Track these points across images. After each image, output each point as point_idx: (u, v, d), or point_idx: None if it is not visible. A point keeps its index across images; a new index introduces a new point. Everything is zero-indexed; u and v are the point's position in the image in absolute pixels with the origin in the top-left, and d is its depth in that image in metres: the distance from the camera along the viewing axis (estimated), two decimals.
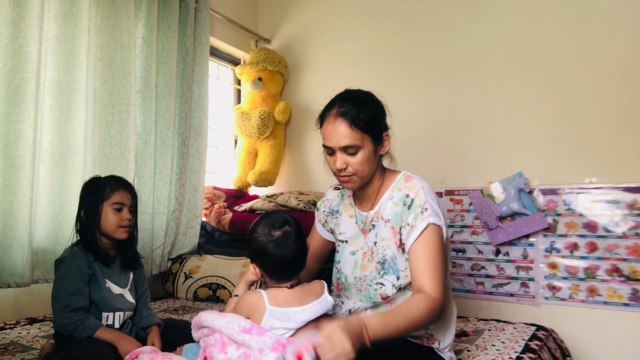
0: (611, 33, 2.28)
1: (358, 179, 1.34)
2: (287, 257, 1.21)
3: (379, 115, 1.35)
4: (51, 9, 1.99)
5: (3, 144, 1.80)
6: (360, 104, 1.32)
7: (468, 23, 2.63)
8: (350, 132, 1.28)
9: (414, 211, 1.29)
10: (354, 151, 1.30)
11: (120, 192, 1.54)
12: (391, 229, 1.33)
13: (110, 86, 2.20)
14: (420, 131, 2.75)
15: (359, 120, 1.28)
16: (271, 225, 1.23)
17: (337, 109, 1.32)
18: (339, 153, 1.31)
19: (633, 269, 2.20)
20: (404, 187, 1.35)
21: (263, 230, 1.23)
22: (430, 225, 1.27)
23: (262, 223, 1.25)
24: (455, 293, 2.59)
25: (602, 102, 2.29)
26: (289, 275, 1.25)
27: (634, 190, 2.21)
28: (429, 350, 1.34)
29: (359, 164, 1.31)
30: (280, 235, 1.21)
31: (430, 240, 1.27)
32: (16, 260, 1.81)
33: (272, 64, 3.10)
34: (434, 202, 1.32)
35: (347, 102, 1.32)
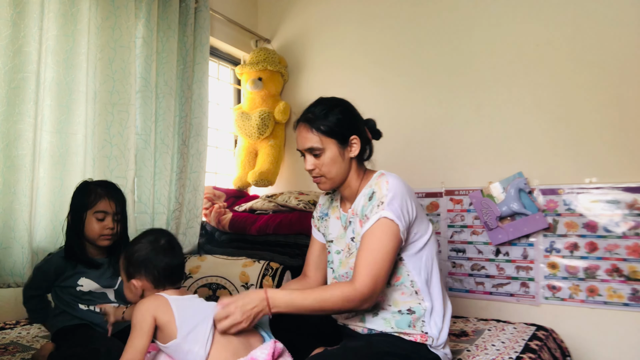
0: (610, 33, 2.28)
1: (328, 180, 1.43)
2: (174, 263, 1.27)
3: (345, 120, 1.42)
4: (51, 9, 1.99)
5: (3, 144, 1.80)
6: (327, 109, 1.42)
7: (468, 23, 2.63)
8: (311, 135, 1.39)
9: (372, 203, 1.35)
10: (318, 153, 1.40)
11: (104, 201, 1.55)
12: (359, 222, 1.40)
13: (110, 86, 2.20)
14: (420, 131, 2.75)
15: (321, 125, 1.39)
16: (154, 237, 1.29)
17: (304, 115, 1.44)
18: (307, 155, 1.43)
19: (633, 269, 2.20)
20: (374, 183, 1.40)
21: (147, 241, 1.29)
22: (382, 218, 1.30)
23: (142, 237, 1.31)
24: (455, 293, 2.59)
25: (602, 102, 2.28)
26: (176, 282, 1.30)
27: (634, 190, 2.21)
28: (423, 347, 1.34)
29: (324, 165, 1.40)
30: (164, 243, 1.28)
31: (377, 233, 1.30)
32: (16, 260, 1.81)
33: (272, 64, 3.10)
34: (397, 198, 1.33)
35: (315, 107, 1.44)
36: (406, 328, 1.35)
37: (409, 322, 1.36)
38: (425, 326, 1.35)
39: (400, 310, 1.37)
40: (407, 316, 1.36)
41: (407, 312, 1.36)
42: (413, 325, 1.35)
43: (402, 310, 1.37)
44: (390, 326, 1.36)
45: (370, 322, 1.39)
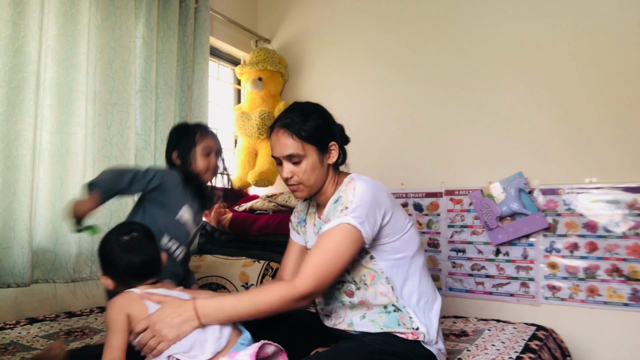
0: (611, 33, 2.28)
1: (305, 188, 1.38)
2: (135, 261, 1.22)
3: (323, 126, 1.38)
4: (51, 9, 1.99)
5: (3, 144, 1.80)
6: (305, 115, 1.37)
7: (468, 23, 2.63)
8: (292, 142, 1.34)
9: (335, 208, 1.33)
10: (298, 160, 1.34)
11: (208, 139, 1.71)
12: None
13: (110, 86, 2.20)
14: (420, 131, 2.75)
15: (301, 131, 1.34)
16: (119, 232, 1.25)
17: (281, 120, 1.38)
18: (285, 162, 1.37)
19: (633, 269, 2.20)
20: (342, 189, 1.37)
21: (111, 236, 1.25)
22: (343, 224, 1.26)
23: (111, 231, 1.28)
24: (455, 293, 2.60)
25: (602, 102, 2.28)
26: (144, 279, 1.25)
27: (634, 190, 2.20)
28: (416, 344, 1.33)
29: (304, 172, 1.35)
30: (127, 239, 1.23)
31: (334, 236, 1.26)
32: (16, 260, 1.81)
33: (272, 64, 3.10)
34: (363, 203, 1.28)
35: (292, 113, 1.38)
36: (396, 327, 1.34)
37: (397, 320, 1.34)
38: (414, 323, 1.34)
39: (386, 307, 1.35)
40: (394, 314, 1.34)
41: (393, 310, 1.35)
42: (403, 323, 1.34)
43: (387, 306, 1.35)
44: (380, 327, 1.35)
45: (359, 326, 1.37)
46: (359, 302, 1.38)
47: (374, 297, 1.36)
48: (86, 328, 1.89)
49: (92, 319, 2.04)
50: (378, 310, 1.36)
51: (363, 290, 1.37)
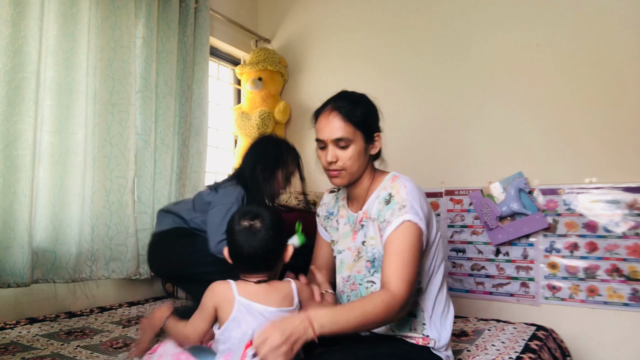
0: (611, 33, 2.28)
1: (347, 175, 1.36)
2: (244, 251, 1.19)
3: (371, 115, 1.40)
4: (51, 9, 1.99)
5: (3, 144, 1.80)
6: (355, 102, 1.37)
7: (468, 23, 2.63)
8: (343, 125, 1.32)
9: (391, 207, 1.30)
10: (345, 145, 1.33)
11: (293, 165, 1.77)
12: (377, 227, 1.34)
13: (110, 86, 2.20)
14: (420, 131, 2.75)
15: (353, 116, 1.33)
16: (243, 214, 1.22)
17: (332, 104, 1.37)
18: (331, 146, 1.34)
19: (633, 269, 2.20)
20: (389, 186, 1.36)
21: (237, 215, 1.23)
22: (406, 222, 1.26)
23: (241, 209, 1.27)
24: (455, 293, 2.59)
25: (602, 102, 2.28)
26: (249, 270, 1.22)
27: (634, 190, 2.21)
28: (425, 349, 1.34)
29: (349, 158, 1.33)
30: (245, 226, 1.20)
31: (404, 236, 1.25)
32: (16, 260, 1.81)
33: (272, 64, 3.10)
34: (416, 201, 1.29)
35: (343, 99, 1.38)
36: (407, 332, 1.34)
37: (409, 325, 1.35)
38: (426, 329, 1.34)
39: None
40: (408, 319, 1.35)
41: (408, 315, 1.35)
42: (414, 328, 1.34)
43: None
44: (392, 330, 1.35)
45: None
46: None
47: None
48: (86, 328, 1.89)
49: (92, 319, 2.04)
50: None
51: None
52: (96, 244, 2.14)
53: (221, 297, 1.19)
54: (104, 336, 1.79)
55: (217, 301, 1.19)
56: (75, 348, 1.63)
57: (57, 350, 1.60)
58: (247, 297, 1.18)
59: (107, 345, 1.68)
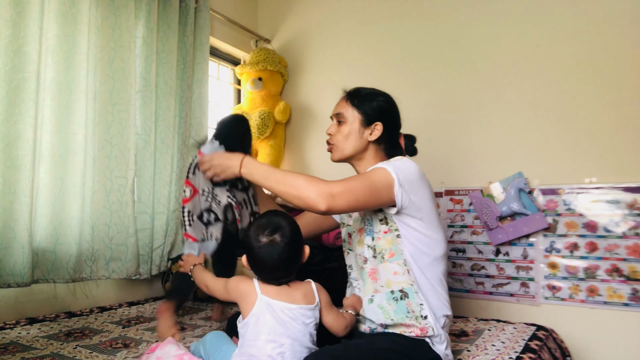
0: (610, 33, 2.28)
1: (337, 150, 1.52)
2: (267, 264, 1.24)
3: (379, 107, 1.52)
4: (51, 9, 1.99)
5: (3, 144, 1.80)
6: (370, 92, 1.54)
7: (468, 23, 2.63)
8: (345, 104, 1.52)
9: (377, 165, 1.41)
10: (341, 120, 1.51)
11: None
12: None
13: (110, 86, 2.20)
14: (420, 131, 2.72)
15: (356, 98, 1.51)
16: (262, 229, 1.26)
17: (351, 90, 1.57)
18: (333, 121, 1.54)
19: (633, 269, 2.20)
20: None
21: (254, 231, 1.27)
22: (378, 167, 1.36)
23: (256, 223, 1.28)
24: (455, 293, 2.59)
25: (602, 102, 2.28)
26: (273, 280, 1.27)
27: (634, 190, 2.21)
28: (423, 343, 1.35)
29: (339, 133, 1.50)
30: (265, 243, 1.24)
31: (370, 174, 1.34)
32: (16, 260, 1.81)
33: (272, 64, 3.10)
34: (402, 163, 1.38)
35: (361, 89, 1.56)
36: (405, 319, 1.35)
37: (405, 309, 1.35)
38: (424, 309, 1.35)
39: (393, 291, 1.37)
40: (402, 303, 1.36)
41: (400, 294, 1.36)
42: (412, 310, 1.35)
43: (394, 291, 1.37)
44: (390, 318, 1.36)
45: (369, 312, 1.39)
46: (370, 271, 1.42)
47: (387, 277, 1.38)
48: (86, 328, 1.89)
49: (92, 319, 2.04)
50: (386, 296, 1.38)
51: (378, 261, 1.41)
52: (96, 244, 2.14)
53: (245, 292, 1.25)
54: (104, 336, 1.79)
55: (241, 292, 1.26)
56: (75, 348, 1.63)
57: (57, 350, 1.60)
58: (269, 296, 1.23)
59: (107, 345, 1.69)
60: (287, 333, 1.21)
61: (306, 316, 1.25)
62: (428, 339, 1.35)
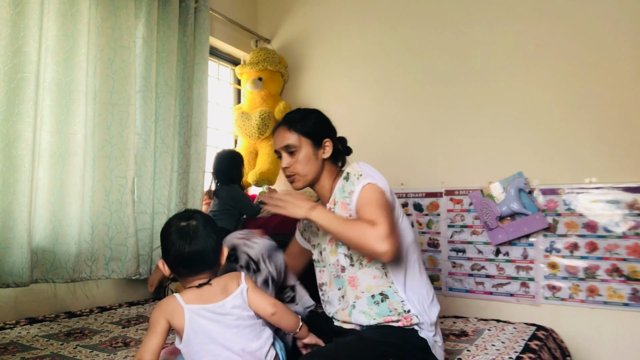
0: (610, 33, 2.28)
1: (301, 178, 1.52)
2: (185, 252, 1.17)
3: (319, 124, 1.55)
4: (51, 9, 1.99)
5: (3, 144, 1.80)
6: (302, 115, 1.55)
7: (468, 23, 2.63)
8: (288, 134, 1.51)
9: (351, 180, 1.45)
10: (293, 151, 1.50)
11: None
12: (341, 204, 1.46)
13: (110, 86, 2.20)
14: (420, 131, 2.75)
15: (297, 125, 1.51)
16: (177, 217, 1.23)
17: (283, 119, 1.57)
18: (284, 154, 1.53)
19: (633, 268, 2.20)
20: (347, 169, 1.51)
21: (172, 220, 1.23)
22: (366, 185, 1.39)
23: (174, 215, 1.26)
24: (455, 293, 2.59)
25: (602, 102, 2.28)
26: (191, 272, 1.20)
27: (634, 190, 2.20)
28: (412, 332, 1.38)
29: (298, 162, 1.50)
30: (182, 226, 1.19)
31: (368, 194, 1.38)
32: (15, 260, 1.81)
33: (272, 63, 3.10)
34: (372, 171, 1.45)
35: (293, 114, 1.58)
36: (389, 316, 1.39)
37: (387, 308, 1.40)
38: (405, 305, 1.39)
39: (373, 296, 1.41)
40: (384, 305, 1.40)
41: (380, 297, 1.40)
42: (394, 308, 1.39)
43: (374, 295, 1.41)
44: (374, 318, 1.40)
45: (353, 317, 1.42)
46: (349, 279, 1.44)
47: (367, 282, 1.41)
48: (86, 328, 1.89)
49: (92, 319, 2.04)
50: (367, 301, 1.41)
51: (357, 268, 1.43)
52: (96, 243, 2.14)
53: (170, 309, 1.16)
54: (104, 336, 1.79)
55: (167, 314, 1.16)
56: (75, 347, 1.63)
57: (56, 350, 1.60)
58: (194, 303, 1.17)
59: (107, 344, 1.68)
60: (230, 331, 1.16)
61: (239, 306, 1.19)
62: (416, 327, 1.39)
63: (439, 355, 1.43)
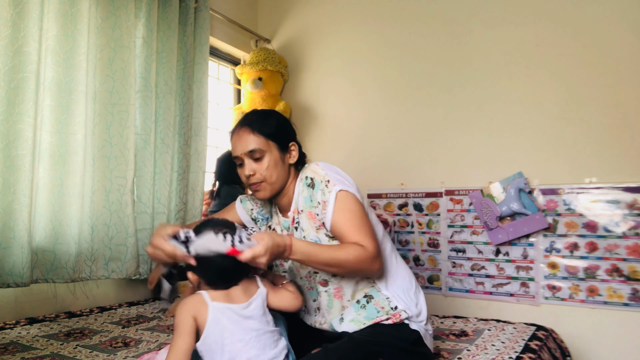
0: (610, 33, 2.28)
1: (268, 186, 1.38)
2: (229, 266, 1.16)
3: (283, 126, 1.43)
4: (51, 8, 1.99)
5: (3, 144, 1.80)
6: (264, 116, 1.42)
7: (468, 22, 2.63)
8: (254, 137, 1.36)
9: (319, 188, 1.33)
10: (260, 156, 1.36)
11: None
12: (308, 214, 1.36)
13: (110, 86, 2.20)
14: (420, 131, 2.75)
15: (263, 127, 1.37)
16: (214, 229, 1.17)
17: (242, 121, 1.43)
18: (247, 160, 1.37)
19: (633, 268, 2.20)
20: (307, 172, 1.39)
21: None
22: (338, 192, 1.31)
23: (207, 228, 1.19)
24: (455, 293, 2.59)
25: (602, 102, 2.28)
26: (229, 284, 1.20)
27: (634, 190, 2.20)
28: (403, 326, 1.35)
29: (266, 168, 1.36)
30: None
31: (345, 206, 1.30)
32: (15, 260, 1.81)
33: (272, 63, 3.10)
34: (336, 172, 1.35)
35: (252, 115, 1.43)
36: (377, 316, 1.35)
37: (375, 309, 1.36)
38: (392, 302, 1.35)
39: (359, 301, 1.37)
40: (369, 305, 1.36)
41: (365, 300, 1.37)
42: (381, 307, 1.35)
43: (359, 300, 1.37)
44: (363, 323, 1.36)
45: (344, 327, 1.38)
46: (335, 291, 1.39)
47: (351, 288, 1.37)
48: (86, 329, 1.89)
49: (92, 319, 2.04)
50: (353, 308, 1.38)
51: (339, 277, 1.38)
52: (96, 243, 2.14)
53: (196, 306, 1.15)
54: (104, 336, 1.79)
55: (194, 311, 1.14)
56: (75, 347, 1.63)
57: (57, 350, 1.60)
58: (220, 301, 1.16)
59: (107, 344, 1.68)
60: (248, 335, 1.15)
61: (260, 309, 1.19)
62: (406, 321, 1.36)
63: (429, 343, 1.41)
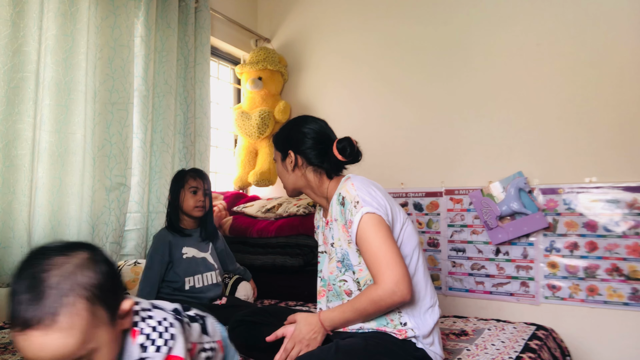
0: (611, 33, 2.28)
1: (285, 188, 1.59)
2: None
3: (285, 135, 1.58)
4: (50, 8, 1.99)
5: (2, 144, 1.80)
6: (281, 127, 1.63)
7: (468, 22, 2.63)
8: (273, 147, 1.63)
9: (348, 208, 1.38)
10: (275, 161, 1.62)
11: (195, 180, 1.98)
12: (342, 227, 1.41)
13: (110, 85, 2.20)
14: (420, 130, 2.75)
15: (275, 138, 1.61)
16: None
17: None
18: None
19: (633, 268, 2.20)
20: (342, 188, 1.43)
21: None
22: (364, 215, 1.34)
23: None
24: (455, 292, 2.59)
25: (602, 102, 2.28)
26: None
27: (634, 189, 2.20)
28: (409, 343, 1.35)
29: (279, 174, 1.60)
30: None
31: (367, 229, 1.33)
32: (15, 259, 1.81)
33: (272, 63, 3.10)
34: (366, 194, 1.37)
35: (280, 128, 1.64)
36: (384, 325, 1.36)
37: (385, 319, 1.37)
38: (402, 317, 1.35)
39: None
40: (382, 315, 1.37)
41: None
42: (390, 319, 1.36)
43: None
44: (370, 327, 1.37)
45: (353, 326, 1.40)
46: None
47: None
48: None
49: None
50: None
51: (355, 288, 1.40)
52: (95, 243, 2.13)
53: None
54: None
55: None
56: None
57: None
58: None
59: None
60: None
61: None
62: (413, 339, 1.36)
63: None
